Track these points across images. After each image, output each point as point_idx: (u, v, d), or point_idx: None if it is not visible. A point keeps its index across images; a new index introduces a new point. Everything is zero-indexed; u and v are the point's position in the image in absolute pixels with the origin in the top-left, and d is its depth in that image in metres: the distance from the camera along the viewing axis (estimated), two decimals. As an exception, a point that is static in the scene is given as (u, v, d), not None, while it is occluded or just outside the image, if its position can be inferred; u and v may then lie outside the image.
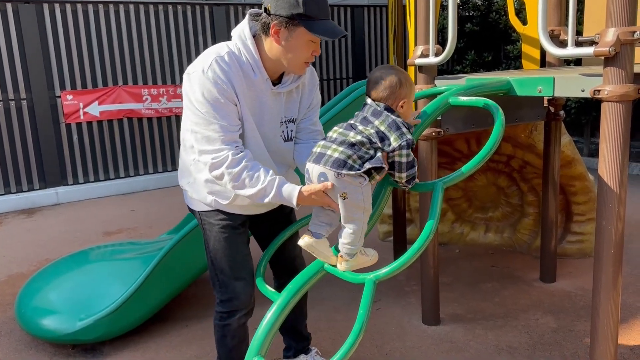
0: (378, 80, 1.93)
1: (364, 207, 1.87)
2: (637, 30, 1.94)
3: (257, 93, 1.96)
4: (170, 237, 3.83)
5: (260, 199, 1.91)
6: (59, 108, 6.32)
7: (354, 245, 1.91)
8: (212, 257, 2.17)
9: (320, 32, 1.83)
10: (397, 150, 1.85)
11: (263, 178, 1.88)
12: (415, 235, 4.25)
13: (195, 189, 2.10)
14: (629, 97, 2.00)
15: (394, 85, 1.91)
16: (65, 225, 5.45)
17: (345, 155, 1.81)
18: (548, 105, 3.25)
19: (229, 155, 1.86)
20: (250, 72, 1.93)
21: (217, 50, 1.91)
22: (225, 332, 2.22)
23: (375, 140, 1.85)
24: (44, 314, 3.00)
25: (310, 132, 2.17)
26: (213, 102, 1.85)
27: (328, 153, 1.83)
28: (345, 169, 1.80)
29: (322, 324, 3.11)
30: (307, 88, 2.12)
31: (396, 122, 1.86)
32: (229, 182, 1.90)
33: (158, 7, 6.77)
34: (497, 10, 7.23)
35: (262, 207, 2.15)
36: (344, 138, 1.85)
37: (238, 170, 1.87)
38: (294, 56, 1.90)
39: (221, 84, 1.85)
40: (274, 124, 2.04)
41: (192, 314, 3.36)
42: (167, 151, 7.04)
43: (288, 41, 1.87)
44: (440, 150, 3.62)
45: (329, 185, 1.82)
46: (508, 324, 3.07)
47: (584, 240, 3.90)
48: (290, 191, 1.89)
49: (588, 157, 6.90)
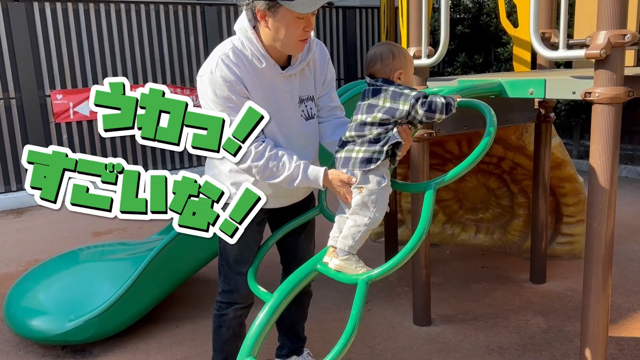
0: (372, 57, 1.99)
1: (374, 209, 1.91)
2: (628, 33, 1.95)
3: (269, 80, 1.99)
4: (160, 237, 3.81)
5: (289, 184, 1.98)
6: (49, 107, 6.27)
7: (352, 241, 1.91)
8: (221, 248, 2.22)
9: (300, 6, 1.82)
10: (412, 111, 1.88)
11: (288, 164, 1.95)
12: (406, 236, 4.26)
13: (220, 181, 2.12)
14: (619, 99, 2.01)
15: (387, 58, 1.95)
16: (55, 225, 5.40)
17: (369, 153, 1.89)
18: (538, 107, 3.27)
19: (252, 150, 1.91)
20: (257, 62, 1.96)
21: (222, 49, 1.96)
22: (222, 322, 2.27)
23: (386, 118, 1.90)
24: (33, 315, 2.98)
25: (330, 109, 2.21)
26: (225, 100, 1.90)
27: (353, 155, 1.92)
28: (372, 164, 1.88)
29: (314, 324, 3.11)
30: (319, 63, 2.13)
31: (396, 91, 1.91)
32: (257, 174, 1.96)
33: (149, 7, 6.74)
34: (487, 13, 7.27)
35: (284, 199, 2.18)
36: (362, 138, 1.92)
37: (263, 162, 1.93)
38: (285, 37, 1.90)
39: (230, 80, 1.90)
40: (292, 107, 2.06)
41: (183, 314, 3.34)
42: (158, 150, 7.01)
43: (275, 24, 1.88)
44: (432, 151, 3.63)
45: (354, 180, 1.91)
46: (498, 325, 3.08)
47: (573, 242, 3.93)
48: (317, 172, 1.97)
49: (577, 159, 6.96)
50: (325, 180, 1.97)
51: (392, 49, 1.97)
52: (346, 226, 1.94)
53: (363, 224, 1.91)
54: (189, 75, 7.07)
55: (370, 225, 1.92)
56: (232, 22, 7.30)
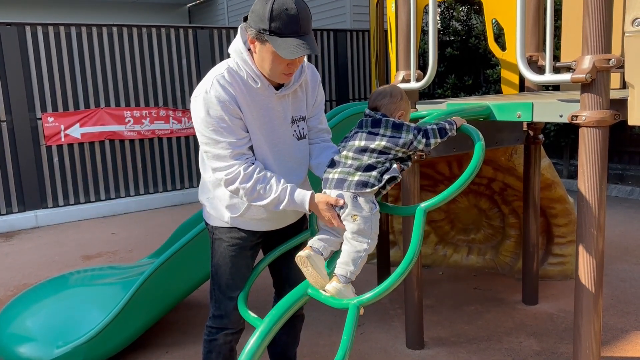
0: (381, 91, 2.10)
1: (370, 235, 1.93)
2: (612, 57, 1.99)
3: (263, 100, 2.00)
4: (150, 261, 3.78)
5: (275, 206, 1.98)
6: (40, 130, 6.26)
7: (353, 267, 1.92)
8: (213, 272, 2.22)
9: (282, 50, 1.82)
10: (415, 141, 1.96)
11: (275, 187, 1.95)
12: (398, 257, 4.25)
13: (214, 205, 2.15)
14: (605, 122, 2.04)
15: (396, 97, 2.08)
16: (44, 249, 5.35)
17: (366, 177, 1.92)
18: (527, 129, 3.30)
19: (241, 171, 1.92)
20: (252, 82, 1.97)
21: (218, 70, 1.97)
22: (212, 348, 2.25)
23: (389, 147, 1.95)
24: (20, 341, 2.93)
25: (318, 131, 2.24)
26: (218, 120, 1.90)
27: (349, 179, 1.93)
28: (368, 188, 1.90)
29: (305, 349, 3.08)
30: (310, 85, 2.17)
31: (396, 122, 1.99)
32: (244, 196, 1.97)
33: (141, 30, 6.79)
34: (476, 35, 7.37)
35: (276, 222, 2.19)
36: (359, 162, 1.95)
37: (251, 184, 1.93)
38: (270, 69, 1.93)
39: (223, 100, 1.90)
40: (285, 126, 2.08)
41: (173, 340, 3.30)
42: (149, 173, 7.00)
43: (261, 54, 1.91)
44: (422, 172, 3.66)
45: (341, 202, 1.91)
46: (491, 347, 3.06)
47: (565, 262, 3.94)
48: (303, 196, 1.97)
49: (568, 179, 7.01)
50: (311, 204, 1.97)
51: (401, 91, 2.11)
52: (345, 252, 1.94)
53: (362, 249, 1.93)
54: (180, 97, 7.09)
55: (369, 250, 1.95)
56: (224, 45, 7.36)
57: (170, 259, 3.06)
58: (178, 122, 7.07)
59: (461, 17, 7.72)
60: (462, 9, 7.72)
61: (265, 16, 1.80)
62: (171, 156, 7.13)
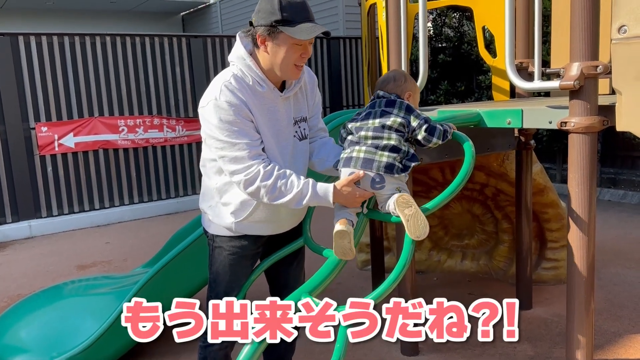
0: (385, 78, 2.21)
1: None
2: (600, 64, 2.02)
3: (269, 103, 2.04)
4: (145, 270, 3.77)
5: (298, 202, 1.99)
6: (33, 140, 6.25)
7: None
8: (212, 280, 2.23)
9: (299, 33, 1.90)
10: (418, 128, 2.03)
11: (297, 182, 1.97)
12: (393, 263, 4.26)
13: (217, 212, 2.15)
14: (594, 128, 2.07)
15: (400, 79, 2.18)
16: (38, 259, 5.33)
17: (392, 159, 1.98)
18: (519, 134, 3.33)
19: (260, 169, 1.94)
20: (257, 87, 2.01)
21: (223, 77, 2.00)
22: (207, 355, 2.26)
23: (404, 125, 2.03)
24: (15, 352, 2.92)
25: (317, 130, 2.31)
26: (231, 124, 1.93)
27: (377, 158, 1.99)
28: (396, 172, 1.99)
29: (300, 356, 3.08)
30: (309, 86, 2.22)
31: (410, 106, 2.09)
32: (266, 195, 1.97)
33: (135, 39, 6.80)
34: (468, 42, 7.42)
35: (279, 224, 2.20)
36: (379, 141, 2.01)
37: (272, 181, 1.94)
38: (283, 62, 1.97)
39: (235, 104, 1.93)
40: (288, 128, 2.12)
41: (168, 349, 3.29)
42: (143, 182, 6.99)
43: (274, 48, 1.95)
44: (415, 178, 3.67)
45: (361, 174, 1.99)
46: (486, 353, 3.07)
47: (558, 267, 3.96)
48: (326, 188, 2.00)
49: (560, 184, 7.04)
50: (335, 195, 1.99)
51: (404, 73, 2.22)
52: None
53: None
54: (174, 105, 7.10)
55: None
56: (217, 53, 7.39)
57: (164, 267, 3.06)
58: (172, 130, 7.07)
59: (453, 24, 7.78)
60: (454, 15, 7.78)
61: (275, 8, 1.89)
62: (165, 165, 7.13)
